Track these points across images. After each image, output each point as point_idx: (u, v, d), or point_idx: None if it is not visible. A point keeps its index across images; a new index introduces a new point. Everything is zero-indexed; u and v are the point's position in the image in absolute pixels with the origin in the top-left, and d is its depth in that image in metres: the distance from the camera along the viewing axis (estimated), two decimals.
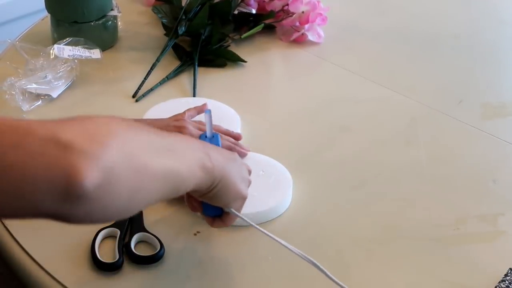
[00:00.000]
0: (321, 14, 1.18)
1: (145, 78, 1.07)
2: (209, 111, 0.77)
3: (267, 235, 0.73)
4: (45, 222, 0.82)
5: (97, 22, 1.11)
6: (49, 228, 0.82)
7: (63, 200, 0.55)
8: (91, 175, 0.54)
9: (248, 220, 0.74)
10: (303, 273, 0.79)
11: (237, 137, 0.92)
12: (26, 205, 0.55)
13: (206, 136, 0.76)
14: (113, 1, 1.14)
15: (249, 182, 0.77)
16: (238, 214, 0.75)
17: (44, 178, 0.54)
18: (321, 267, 0.69)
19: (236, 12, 1.20)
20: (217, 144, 0.76)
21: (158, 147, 0.63)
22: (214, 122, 0.81)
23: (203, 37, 1.14)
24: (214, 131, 0.77)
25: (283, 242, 0.71)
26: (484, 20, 1.32)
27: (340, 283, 0.69)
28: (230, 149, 0.87)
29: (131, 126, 0.63)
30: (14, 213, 0.57)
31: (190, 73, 1.10)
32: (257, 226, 0.74)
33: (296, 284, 0.78)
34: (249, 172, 0.78)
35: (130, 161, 0.58)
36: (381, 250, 0.82)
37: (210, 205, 0.74)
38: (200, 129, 0.87)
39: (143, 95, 1.05)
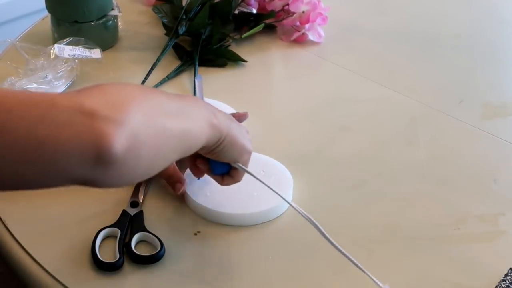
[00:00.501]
0: (321, 14, 1.18)
1: (146, 78, 1.07)
2: (200, 76, 0.79)
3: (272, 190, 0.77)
4: (45, 221, 0.83)
5: (97, 21, 1.11)
6: (49, 227, 0.82)
7: (95, 166, 0.58)
8: (119, 140, 0.57)
9: (254, 175, 0.76)
10: (303, 273, 0.79)
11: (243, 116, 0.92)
12: (59, 175, 0.58)
13: None
14: (113, 1, 1.14)
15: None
16: (245, 168, 0.77)
17: (75, 147, 0.57)
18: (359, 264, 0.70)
19: (236, 11, 1.20)
20: None
21: (172, 110, 0.66)
22: None
23: (204, 37, 1.14)
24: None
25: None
26: (484, 20, 1.32)
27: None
28: None
29: (145, 90, 0.66)
30: (48, 183, 0.60)
31: (191, 73, 1.10)
32: (265, 182, 0.76)
33: (296, 284, 0.78)
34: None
35: (151, 124, 0.62)
36: (382, 250, 0.82)
37: (217, 164, 0.77)
38: None
39: None
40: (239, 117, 0.88)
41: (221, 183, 0.80)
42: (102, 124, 0.57)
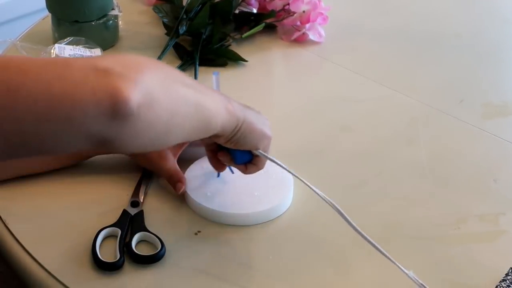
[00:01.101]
0: (322, 14, 1.18)
1: None
2: (218, 72, 0.82)
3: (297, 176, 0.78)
4: (46, 221, 0.83)
5: (98, 21, 1.11)
6: (50, 227, 0.82)
7: (110, 121, 0.58)
8: (134, 94, 0.58)
9: (277, 161, 0.77)
10: (304, 272, 0.79)
11: None
12: (76, 133, 0.59)
13: None
14: (114, 1, 1.14)
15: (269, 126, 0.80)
16: (266, 155, 0.77)
17: (91, 103, 0.57)
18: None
19: (237, 11, 1.20)
20: None
21: (187, 82, 0.67)
22: None
23: (204, 37, 1.14)
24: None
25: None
26: (486, 19, 1.32)
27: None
28: None
29: (159, 62, 0.68)
30: (66, 143, 0.60)
31: (191, 72, 1.10)
32: (288, 168, 0.78)
33: (297, 283, 0.78)
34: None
35: (165, 86, 0.63)
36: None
37: (239, 153, 0.77)
38: None
39: None
40: None
41: (245, 171, 0.80)
42: (117, 80, 0.58)
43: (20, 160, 0.85)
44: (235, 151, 0.77)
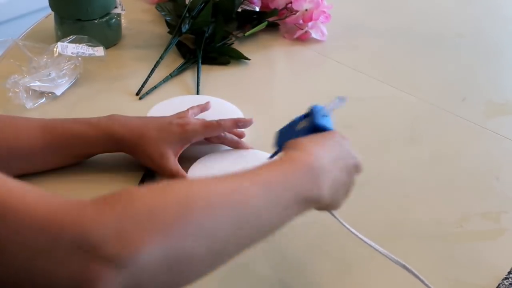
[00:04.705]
0: (324, 12, 1.18)
1: (149, 76, 1.07)
2: (344, 99, 0.80)
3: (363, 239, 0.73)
4: None
5: (100, 19, 1.11)
6: None
7: None
8: (111, 285, 0.52)
9: (343, 222, 0.74)
10: (306, 271, 0.79)
11: (240, 135, 0.92)
12: None
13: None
14: None
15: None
16: (338, 218, 0.74)
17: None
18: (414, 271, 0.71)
19: (239, 10, 1.20)
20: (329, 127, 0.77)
21: (240, 220, 0.60)
22: (215, 117, 0.81)
23: (207, 35, 1.14)
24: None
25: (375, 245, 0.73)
26: (488, 18, 1.32)
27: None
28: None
29: (201, 196, 0.58)
30: None
31: (194, 70, 1.10)
32: (350, 227, 0.74)
33: (299, 282, 0.78)
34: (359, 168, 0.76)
35: (174, 256, 0.55)
36: (385, 248, 0.81)
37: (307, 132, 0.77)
38: (204, 126, 0.87)
39: (147, 93, 1.05)
40: (245, 122, 0.90)
41: None
42: (99, 264, 0.51)
43: (21, 159, 0.85)
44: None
